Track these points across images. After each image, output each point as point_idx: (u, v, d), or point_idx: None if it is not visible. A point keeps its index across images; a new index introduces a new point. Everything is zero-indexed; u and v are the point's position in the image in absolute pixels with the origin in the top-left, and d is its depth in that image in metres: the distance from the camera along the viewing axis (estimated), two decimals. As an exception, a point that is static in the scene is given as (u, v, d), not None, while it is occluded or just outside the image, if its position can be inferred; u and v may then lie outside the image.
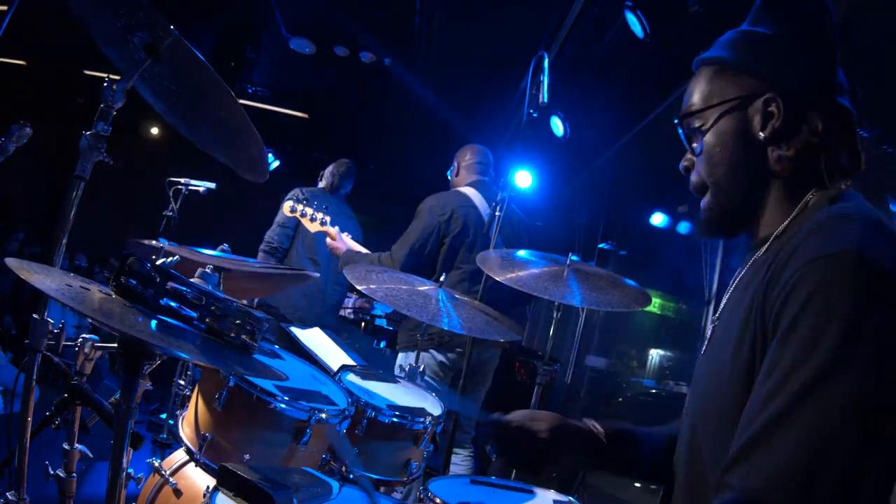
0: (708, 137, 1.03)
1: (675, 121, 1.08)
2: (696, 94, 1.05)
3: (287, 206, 3.19)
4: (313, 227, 3.17)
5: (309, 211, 3.15)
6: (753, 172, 1.00)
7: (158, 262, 1.04)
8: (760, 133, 0.98)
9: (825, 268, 0.79)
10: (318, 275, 3.87)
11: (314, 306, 3.96)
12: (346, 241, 3.14)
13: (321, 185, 4.28)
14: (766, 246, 0.99)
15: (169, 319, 0.96)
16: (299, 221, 3.92)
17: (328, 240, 3.15)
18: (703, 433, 0.97)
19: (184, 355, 0.87)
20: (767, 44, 1.01)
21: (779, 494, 0.74)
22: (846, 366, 0.75)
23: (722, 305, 1.07)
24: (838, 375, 0.75)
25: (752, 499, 0.75)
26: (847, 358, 0.75)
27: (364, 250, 3.13)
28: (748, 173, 1.01)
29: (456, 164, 3.33)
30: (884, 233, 0.85)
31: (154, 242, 1.91)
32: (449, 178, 3.39)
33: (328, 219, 3.15)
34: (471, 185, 3.19)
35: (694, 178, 1.07)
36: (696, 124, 1.05)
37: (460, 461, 3.09)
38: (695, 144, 1.06)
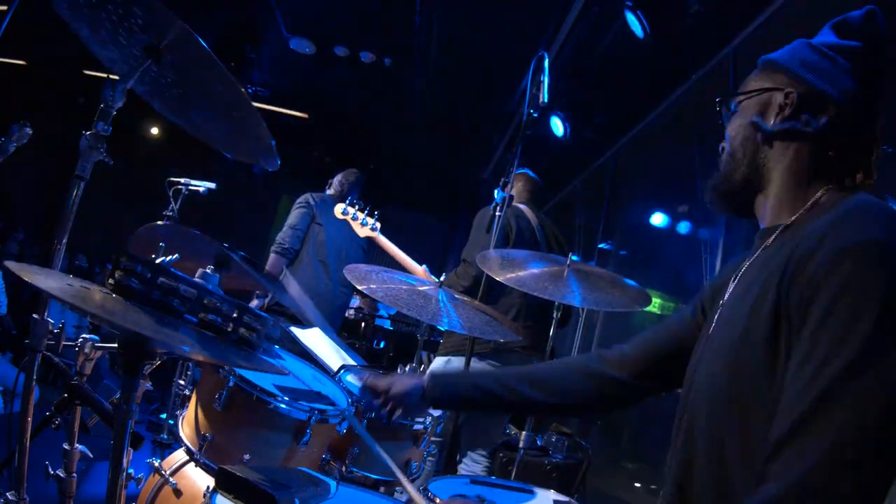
0: (733, 117, 1.17)
1: (717, 99, 1.20)
2: (743, 84, 1.18)
3: (339, 208, 3.33)
4: (363, 233, 3.32)
5: (360, 216, 3.31)
6: (759, 152, 1.11)
7: (157, 261, 1.03)
8: (772, 120, 1.10)
9: (855, 258, 0.84)
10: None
11: (322, 307, 4.00)
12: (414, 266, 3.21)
13: (329, 192, 4.33)
14: (775, 236, 1.06)
15: (168, 316, 0.96)
16: (310, 224, 4.01)
17: (419, 269, 3.21)
18: (715, 417, 0.99)
19: (185, 349, 0.87)
20: (813, 52, 1.10)
21: (822, 481, 0.78)
22: (880, 353, 0.80)
23: (729, 292, 1.11)
24: (872, 362, 0.80)
25: (796, 488, 0.79)
26: (881, 345, 0.80)
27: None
28: (754, 152, 1.11)
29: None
30: None
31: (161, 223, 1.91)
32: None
33: (378, 225, 3.30)
34: (521, 203, 3.33)
35: (722, 153, 1.19)
36: (733, 107, 1.18)
37: (471, 463, 3.10)
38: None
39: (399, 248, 3.36)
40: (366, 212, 3.30)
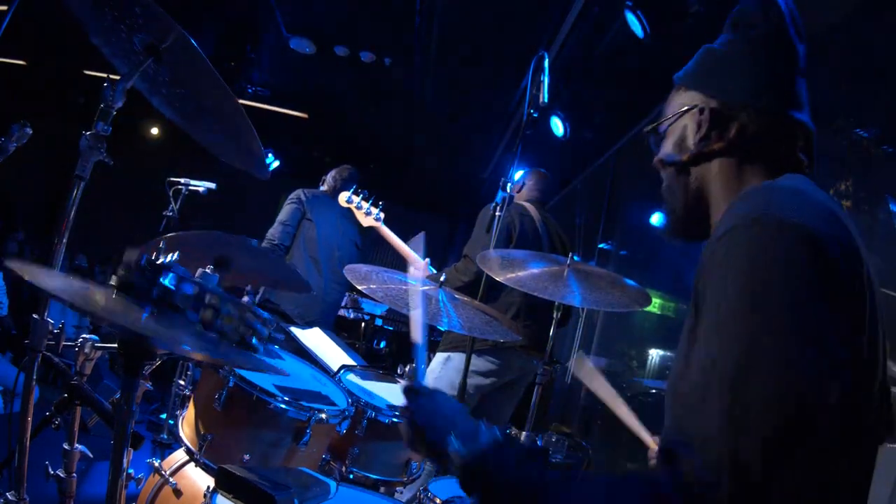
0: (661, 148, 1.15)
1: (645, 131, 1.18)
2: (666, 106, 1.16)
3: (343, 196, 3.37)
4: (366, 222, 3.36)
5: (365, 205, 3.35)
6: (690, 177, 1.08)
7: (159, 261, 1.03)
8: (692, 140, 1.07)
9: (728, 238, 0.83)
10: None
11: (315, 304, 3.99)
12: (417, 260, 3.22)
13: (323, 188, 4.31)
14: None
15: (170, 314, 0.96)
16: (301, 220, 4.00)
17: (412, 269, 3.23)
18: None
19: (187, 348, 0.86)
20: (715, 58, 1.09)
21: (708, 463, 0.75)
22: (741, 340, 0.77)
23: None
24: (735, 345, 0.77)
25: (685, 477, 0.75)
26: (743, 331, 0.77)
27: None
28: (686, 178, 1.09)
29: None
30: (789, 197, 0.87)
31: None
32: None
33: (382, 216, 3.34)
34: (528, 201, 3.34)
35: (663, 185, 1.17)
36: (657, 137, 1.16)
37: None
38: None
39: (399, 247, 3.36)
40: (370, 201, 3.33)
